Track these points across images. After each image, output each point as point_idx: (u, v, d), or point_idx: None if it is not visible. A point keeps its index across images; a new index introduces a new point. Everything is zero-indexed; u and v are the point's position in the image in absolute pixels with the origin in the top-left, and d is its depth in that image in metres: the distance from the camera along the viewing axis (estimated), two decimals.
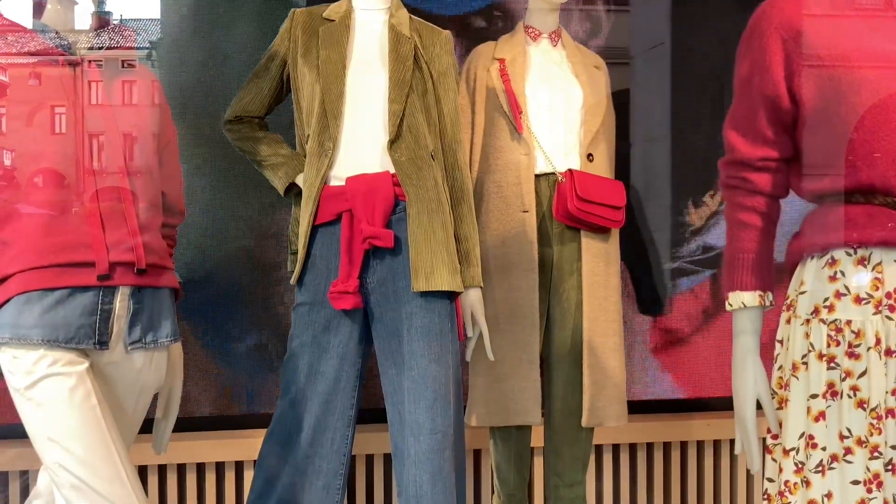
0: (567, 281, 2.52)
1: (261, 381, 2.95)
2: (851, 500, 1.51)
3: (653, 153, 3.21)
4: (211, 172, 2.92)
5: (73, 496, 1.68)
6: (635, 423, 2.96)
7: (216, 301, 2.92)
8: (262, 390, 2.95)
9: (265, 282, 2.95)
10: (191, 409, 2.90)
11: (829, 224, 1.57)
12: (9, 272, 1.74)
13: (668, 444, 3.09)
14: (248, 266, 2.94)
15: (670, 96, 3.20)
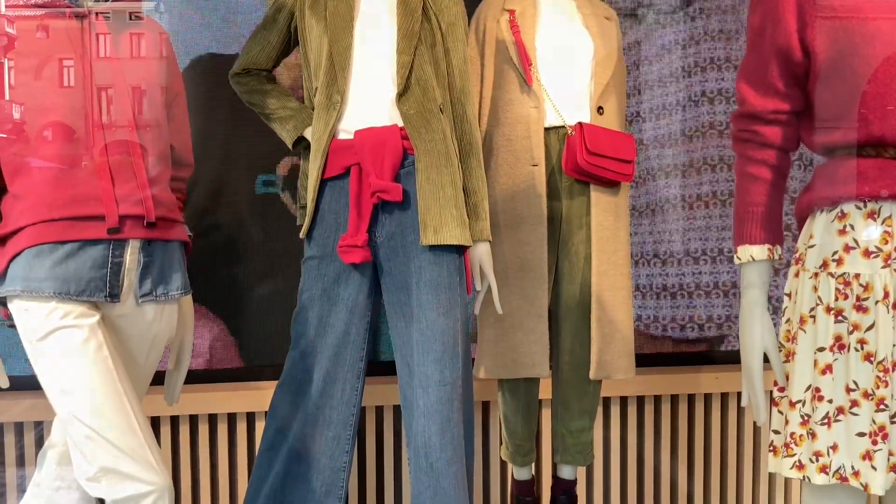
0: (576, 235, 2.52)
1: (271, 333, 2.97)
2: (856, 452, 1.52)
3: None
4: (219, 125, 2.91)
5: (86, 446, 1.70)
6: (643, 375, 2.98)
7: (227, 254, 2.94)
8: (272, 342, 2.97)
9: (276, 234, 2.95)
10: (202, 361, 2.93)
11: (839, 177, 1.56)
12: (19, 225, 1.75)
13: (675, 396, 3.11)
14: (259, 218, 2.95)
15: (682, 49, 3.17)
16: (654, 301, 3.19)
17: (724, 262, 3.20)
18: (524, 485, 2.72)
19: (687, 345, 3.21)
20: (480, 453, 3.00)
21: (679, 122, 3.18)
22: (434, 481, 2.09)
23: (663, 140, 3.18)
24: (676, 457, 3.13)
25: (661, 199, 3.19)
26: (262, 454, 2.29)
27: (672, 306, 3.20)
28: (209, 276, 2.93)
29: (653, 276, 3.19)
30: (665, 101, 3.17)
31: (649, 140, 3.17)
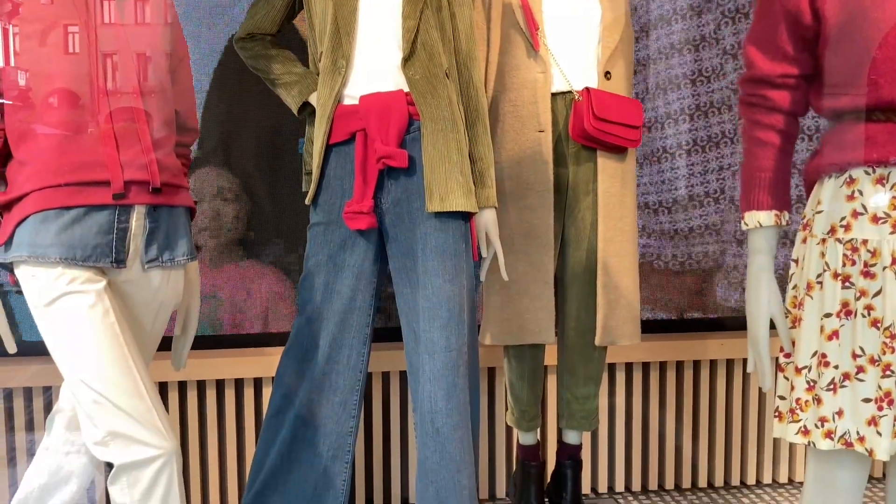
0: (582, 201, 2.51)
1: (278, 299, 2.98)
2: (862, 417, 1.52)
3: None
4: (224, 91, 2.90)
5: (93, 410, 1.71)
6: (648, 342, 2.99)
7: (234, 220, 2.93)
8: (279, 309, 2.98)
9: (282, 200, 2.95)
10: (210, 326, 2.94)
11: (847, 142, 1.55)
12: (25, 191, 1.75)
13: (680, 363, 3.12)
14: (265, 184, 2.94)
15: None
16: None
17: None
18: (529, 450, 2.74)
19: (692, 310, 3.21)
20: (486, 419, 3.02)
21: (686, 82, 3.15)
22: (440, 446, 2.11)
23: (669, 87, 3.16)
24: (681, 422, 3.14)
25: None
26: (269, 419, 2.30)
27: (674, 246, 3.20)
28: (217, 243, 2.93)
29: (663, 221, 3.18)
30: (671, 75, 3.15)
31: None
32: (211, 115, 2.89)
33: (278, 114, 2.85)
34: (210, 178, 2.91)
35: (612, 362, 3.02)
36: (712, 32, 3.12)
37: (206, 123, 2.89)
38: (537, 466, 2.74)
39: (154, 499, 1.72)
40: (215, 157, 2.91)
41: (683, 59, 3.13)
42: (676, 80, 3.14)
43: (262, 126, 2.93)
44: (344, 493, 2.28)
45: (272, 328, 2.98)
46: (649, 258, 3.16)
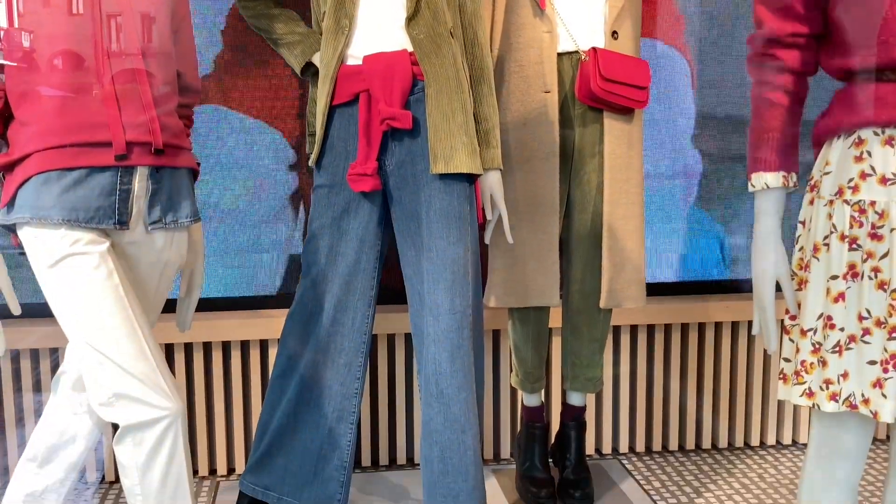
0: (588, 163, 2.50)
1: (283, 261, 2.98)
2: (867, 380, 1.52)
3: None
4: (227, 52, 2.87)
5: (98, 372, 1.72)
6: (653, 304, 2.98)
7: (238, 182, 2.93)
8: (284, 271, 2.98)
9: (287, 162, 2.94)
10: (215, 289, 2.94)
11: (857, 103, 1.53)
12: (27, 152, 1.74)
13: (685, 325, 3.12)
14: (270, 147, 2.93)
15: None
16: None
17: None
18: (534, 411, 2.75)
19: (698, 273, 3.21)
20: (491, 380, 3.03)
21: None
22: (444, 407, 2.11)
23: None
24: (686, 384, 3.15)
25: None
26: (274, 381, 2.31)
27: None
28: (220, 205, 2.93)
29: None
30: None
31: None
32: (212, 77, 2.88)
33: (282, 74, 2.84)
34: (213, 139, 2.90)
35: (616, 325, 3.02)
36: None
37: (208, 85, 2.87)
38: (541, 428, 2.75)
39: (159, 459, 1.73)
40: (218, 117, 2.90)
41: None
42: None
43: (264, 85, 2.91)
44: (349, 453, 2.29)
45: (277, 290, 2.98)
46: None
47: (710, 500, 2.77)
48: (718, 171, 3.17)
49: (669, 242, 3.17)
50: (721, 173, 3.18)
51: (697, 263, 3.20)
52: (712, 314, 3.08)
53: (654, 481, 2.91)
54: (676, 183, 3.17)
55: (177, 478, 1.76)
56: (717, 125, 3.16)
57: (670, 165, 3.15)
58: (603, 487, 2.82)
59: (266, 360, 2.90)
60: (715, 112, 3.15)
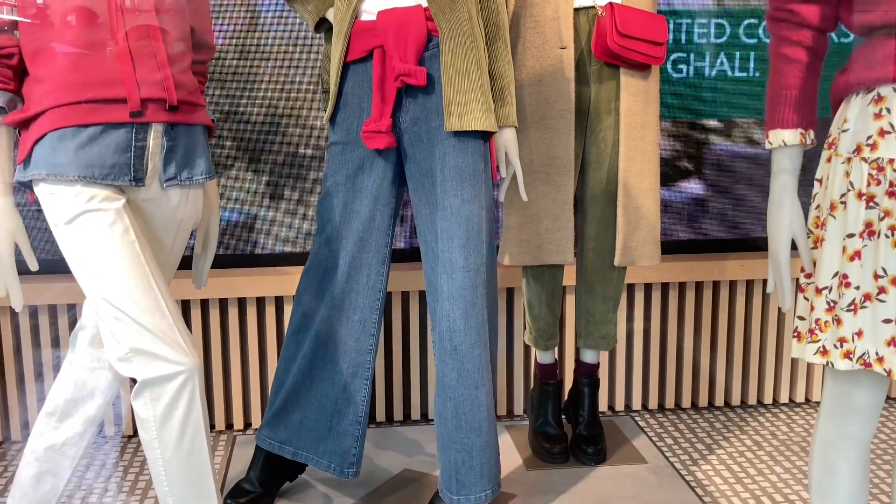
0: (604, 120, 2.48)
1: (298, 218, 2.98)
2: (882, 338, 1.51)
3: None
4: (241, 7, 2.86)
5: (115, 328, 1.74)
6: (668, 262, 2.98)
7: (253, 139, 2.92)
8: (299, 227, 2.99)
9: (302, 120, 2.93)
10: (231, 246, 2.95)
11: (877, 59, 1.50)
12: (41, 108, 1.74)
13: (700, 283, 3.12)
14: (285, 103, 2.92)
15: None
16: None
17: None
18: (547, 368, 2.77)
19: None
20: (504, 338, 3.05)
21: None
22: (458, 364, 2.13)
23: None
24: (699, 342, 3.16)
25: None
26: (289, 337, 2.33)
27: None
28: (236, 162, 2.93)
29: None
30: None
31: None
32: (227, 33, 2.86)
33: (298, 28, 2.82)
34: (228, 97, 2.89)
35: (630, 283, 3.02)
36: None
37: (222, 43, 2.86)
38: (555, 385, 2.77)
39: (177, 413, 1.75)
40: (233, 76, 2.89)
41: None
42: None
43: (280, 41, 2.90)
44: (364, 408, 2.32)
45: (292, 247, 2.99)
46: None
47: (722, 457, 2.79)
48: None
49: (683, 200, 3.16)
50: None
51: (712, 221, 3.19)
52: (727, 272, 3.08)
53: (667, 438, 2.93)
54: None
55: (194, 431, 1.78)
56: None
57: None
58: (615, 444, 2.84)
59: (282, 316, 2.92)
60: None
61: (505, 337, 3.05)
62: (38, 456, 1.94)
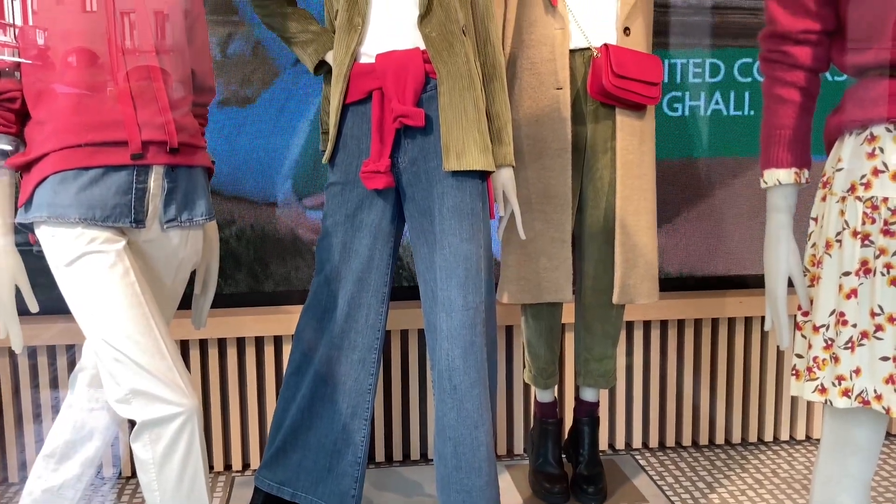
0: (601, 159, 2.50)
1: (297, 258, 2.99)
2: (879, 376, 1.52)
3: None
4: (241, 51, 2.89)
5: (115, 369, 1.74)
6: (666, 300, 2.98)
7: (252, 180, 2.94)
8: (298, 268, 2.99)
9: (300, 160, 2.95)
10: (229, 285, 2.96)
11: (869, 99, 1.53)
12: (44, 151, 1.76)
13: (699, 320, 3.12)
14: (283, 143, 2.94)
15: None
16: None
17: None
18: (547, 407, 2.76)
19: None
20: (504, 376, 3.04)
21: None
22: (458, 403, 2.12)
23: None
24: (699, 380, 3.15)
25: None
26: (289, 377, 2.33)
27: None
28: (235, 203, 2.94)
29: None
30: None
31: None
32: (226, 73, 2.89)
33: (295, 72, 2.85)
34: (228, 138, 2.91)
35: (629, 320, 3.02)
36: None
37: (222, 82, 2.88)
38: (555, 423, 2.76)
39: (176, 455, 1.75)
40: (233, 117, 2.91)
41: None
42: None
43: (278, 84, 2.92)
44: (363, 448, 2.31)
45: (291, 287, 2.99)
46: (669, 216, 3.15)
47: (723, 495, 2.77)
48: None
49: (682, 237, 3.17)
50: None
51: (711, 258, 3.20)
52: (726, 309, 3.08)
53: (668, 477, 2.92)
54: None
55: (193, 473, 1.78)
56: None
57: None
58: (616, 483, 2.83)
59: (280, 356, 2.91)
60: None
61: (504, 375, 3.04)
62: (36, 498, 1.93)
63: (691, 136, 3.13)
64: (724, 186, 3.17)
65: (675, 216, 3.15)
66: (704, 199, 3.17)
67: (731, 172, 3.16)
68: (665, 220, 3.12)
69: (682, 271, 3.18)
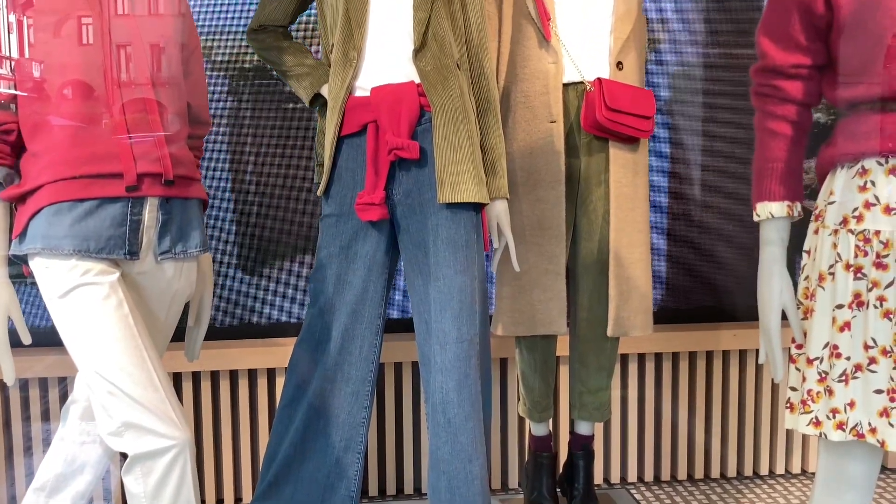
0: (594, 192, 2.51)
1: (290, 290, 2.99)
2: (874, 409, 1.52)
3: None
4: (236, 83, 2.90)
5: (107, 401, 1.73)
6: (661, 332, 2.98)
7: (247, 211, 2.95)
8: (292, 300, 2.99)
9: (294, 192, 2.96)
10: (223, 317, 2.95)
11: (860, 133, 1.54)
12: (39, 183, 1.76)
13: (693, 353, 3.12)
14: (278, 176, 2.95)
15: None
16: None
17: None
18: (542, 440, 2.74)
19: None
20: (498, 409, 3.03)
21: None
22: (452, 437, 2.11)
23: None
24: (694, 413, 3.14)
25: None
26: (282, 409, 2.31)
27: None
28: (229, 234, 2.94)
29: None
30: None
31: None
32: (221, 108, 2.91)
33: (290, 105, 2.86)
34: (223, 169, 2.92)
35: (624, 353, 3.01)
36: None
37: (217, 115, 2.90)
38: (549, 457, 2.74)
39: (168, 488, 1.73)
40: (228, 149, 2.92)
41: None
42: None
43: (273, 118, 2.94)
44: (356, 482, 2.29)
45: (285, 319, 2.99)
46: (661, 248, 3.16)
47: None
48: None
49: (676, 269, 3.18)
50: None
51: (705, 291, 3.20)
52: (720, 342, 3.08)
53: None
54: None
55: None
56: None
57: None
58: None
59: (273, 388, 2.90)
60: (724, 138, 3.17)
61: (499, 408, 3.03)
62: None
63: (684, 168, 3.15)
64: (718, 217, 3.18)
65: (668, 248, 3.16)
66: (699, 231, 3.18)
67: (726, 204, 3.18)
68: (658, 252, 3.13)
69: (677, 304, 3.18)
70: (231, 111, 2.91)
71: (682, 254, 3.17)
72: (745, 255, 3.20)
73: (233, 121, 2.91)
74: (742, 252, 3.20)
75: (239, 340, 2.92)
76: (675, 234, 3.17)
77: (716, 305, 3.20)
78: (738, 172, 3.16)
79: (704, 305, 3.20)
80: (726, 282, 3.21)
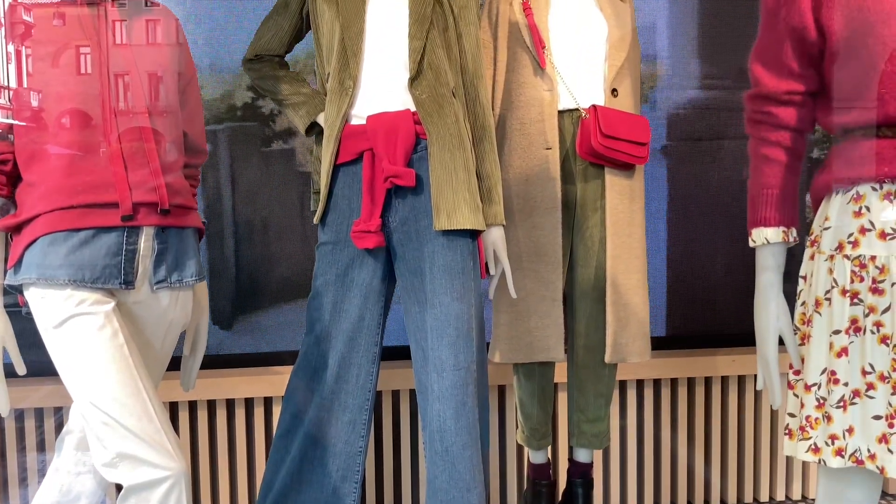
0: (591, 218, 2.51)
1: (287, 319, 2.98)
2: (872, 434, 1.51)
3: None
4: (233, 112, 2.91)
5: (102, 432, 1.72)
6: (659, 358, 2.98)
7: (242, 240, 2.95)
8: (288, 328, 2.98)
9: (290, 220, 2.96)
10: (219, 346, 2.94)
11: (855, 158, 1.54)
12: (34, 213, 1.76)
13: (692, 379, 3.11)
14: (274, 204, 2.96)
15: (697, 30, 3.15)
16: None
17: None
18: (540, 468, 2.73)
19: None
20: (496, 437, 3.01)
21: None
22: (449, 465, 2.10)
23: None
24: (693, 440, 3.13)
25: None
26: (278, 439, 2.30)
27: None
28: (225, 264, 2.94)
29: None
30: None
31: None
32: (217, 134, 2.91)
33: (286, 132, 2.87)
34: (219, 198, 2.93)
35: (622, 379, 3.00)
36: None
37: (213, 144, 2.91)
38: (548, 485, 2.72)
39: None
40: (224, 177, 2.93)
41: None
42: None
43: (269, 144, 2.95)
44: None
45: (281, 347, 2.98)
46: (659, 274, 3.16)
47: None
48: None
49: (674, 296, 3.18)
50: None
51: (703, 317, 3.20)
52: (719, 368, 3.07)
53: None
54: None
55: None
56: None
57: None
58: None
59: (270, 417, 2.89)
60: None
61: (497, 436, 3.01)
62: None
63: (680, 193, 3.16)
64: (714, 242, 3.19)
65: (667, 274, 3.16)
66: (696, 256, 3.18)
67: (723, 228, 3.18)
68: (656, 278, 3.13)
69: (675, 330, 3.17)
70: (227, 139, 2.92)
71: (680, 279, 3.18)
72: (743, 280, 3.20)
73: (234, 146, 2.92)
74: (740, 278, 3.20)
75: (235, 369, 2.91)
76: (673, 260, 3.17)
77: (714, 331, 3.20)
78: (735, 198, 3.17)
79: (702, 331, 3.20)
80: (724, 307, 3.21)
